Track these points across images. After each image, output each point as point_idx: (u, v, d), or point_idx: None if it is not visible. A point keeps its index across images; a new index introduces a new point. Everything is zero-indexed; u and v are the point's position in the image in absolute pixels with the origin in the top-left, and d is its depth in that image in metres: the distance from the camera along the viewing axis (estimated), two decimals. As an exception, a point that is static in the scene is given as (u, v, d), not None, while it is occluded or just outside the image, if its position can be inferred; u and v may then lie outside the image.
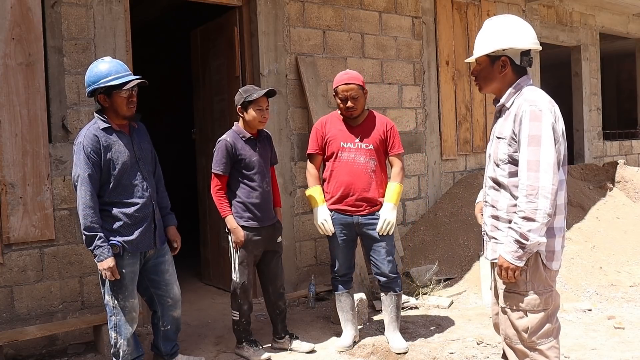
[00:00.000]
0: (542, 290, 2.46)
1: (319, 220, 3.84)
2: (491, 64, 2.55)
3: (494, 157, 2.55)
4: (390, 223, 3.79)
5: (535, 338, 2.46)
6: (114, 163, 3.20)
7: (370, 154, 3.84)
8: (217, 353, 3.99)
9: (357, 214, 3.82)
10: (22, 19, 3.92)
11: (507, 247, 2.40)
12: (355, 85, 3.76)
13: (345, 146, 3.84)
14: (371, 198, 3.82)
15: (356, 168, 3.81)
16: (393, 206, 3.81)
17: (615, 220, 6.25)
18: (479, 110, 6.92)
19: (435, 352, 3.77)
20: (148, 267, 3.41)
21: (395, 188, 3.84)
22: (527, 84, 2.53)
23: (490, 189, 2.60)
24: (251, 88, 3.82)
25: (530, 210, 2.31)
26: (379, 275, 3.89)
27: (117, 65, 3.22)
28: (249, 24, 5.13)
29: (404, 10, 6.11)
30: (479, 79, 2.62)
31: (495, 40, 2.52)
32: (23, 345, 3.93)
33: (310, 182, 3.94)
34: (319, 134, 3.93)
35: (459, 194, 6.25)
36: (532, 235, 2.32)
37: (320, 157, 3.96)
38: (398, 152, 3.92)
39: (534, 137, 2.35)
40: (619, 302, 4.72)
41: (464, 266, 5.40)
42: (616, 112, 12.79)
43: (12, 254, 3.93)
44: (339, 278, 3.98)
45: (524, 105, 2.41)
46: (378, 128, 3.88)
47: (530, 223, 2.31)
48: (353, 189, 3.80)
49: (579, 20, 8.43)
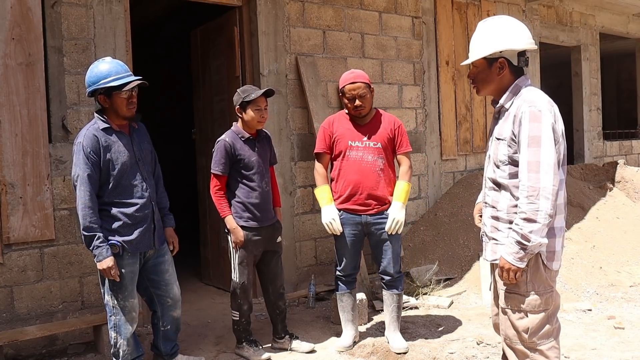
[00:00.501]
0: (543, 291, 2.45)
1: (327, 219, 3.82)
2: (489, 66, 2.54)
3: (494, 158, 2.55)
4: (399, 222, 3.77)
5: (536, 338, 2.46)
6: (114, 163, 3.20)
7: (379, 152, 3.82)
8: (217, 353, 3.99)
9: (365, 213, 3.80)
10: (22, 19, 3.92)
11: (508, 249, 2.40)
12: (362, 83, 3.76)
13: (353, 145, 3.83)
14: (380, 196, 3.80)
15: (364, 166, 3.80)
16: (402, 205, 3.80)
17: (615, 220, 6.25)
18: (479, 110, 6.92)
19: (435, 352, 3.77)
20: (148, 267, 3.41)
21: (403, 187, 3.83)
22: (525, 85, 2.52)
23: (490, 189, 2.59)
24: (249, 88, 3.82)
25: (532, 212, 2.31)
26: (384, 274, 3.88)
27: (117, 66, 3.22)
28: (249, 24, 5.13)
29: (404, 10, 6.11)
30: (477, 81, 2.61)
31: (492, 42, 2.50)
32: (23, 345, 3.93)
33: (318, 181, 3.92)
34: (327, 132, 3.92)
35: (459, 194, 6.25)
36: (533, 237, 2.31)
37: (328, 156, 3.95)
38: (406, 150, 3.91)
39: (534, 138, 2.34)
40: (619, 302, 4.72)
41: (464, 266, 5.40)
42: (616, 112, 12.79)
43: (12, 254, 3.93)
44: (343, 278, 3.96)
45: (523, 106, 2.40)
46: (386, 126, 3.87)
47: (531, 224, 2.31)
48: (361, 188, 3.79)
49: (579, 20, 8.43)
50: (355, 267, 3.98)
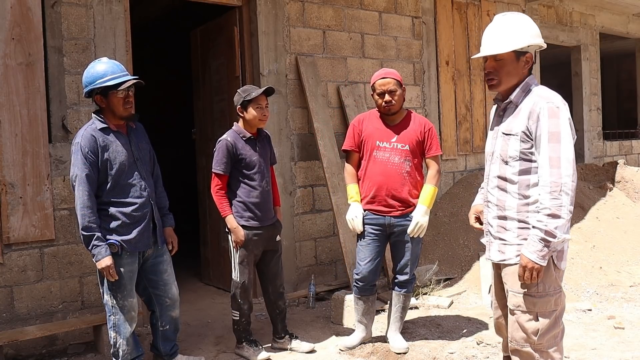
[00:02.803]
0: (553, 291, 2.44)
1: (350, 215, 3.81)
2: (516, 59, 2.51)
3: (502, 155, 2.51)
4: (422, 227, 3.73)
5: (544, 341, 2.43)
6: (112, 163, 3.20)
7: (406, 154, 3.77)
8: (217, 353, 3.99)
9: (389, 215, 3.77)
10: (22, 18, 3.92)
11: (531, 247, 2.36)
12: (392, 79, 3.74)
13: (380, 145, 3.79)
14: (404, 198, 3.75)
15: (390, 168, 3.76)
16: (426, 209, 3.74)
17: (615, 220, 6.25)
18: (478, 110, 6.92)
19: (435, 352, 3.77)
20: (146, 267, 3.41)
21: (430, 190, 3.78)
22: (534, 83, 2.54)
23: (495, 188, 2.54)
24: (250, 87, 3.82)
25: (556, 207, 2.29)
26: (399, 273, 3.85)
27: (113, 66, 3.23)
28: (249, 24, 5.13)
29: (404, 10, 6.11)
30: (500, 75, 2.54)
31: (523, 36, 2.49)
32: (23, 345, 3.93)
33: (347, 179, 3.91)
34: (356, 130, 3.88)
35: (459, 194, 6.25)
36: (559, 232, 2.30)
37: (356, 155, 3.89)
38: (436, 153, 3.85)
39: (554, 134, 2.35)
40: (619, 302, 4.72)
41: (464, 266, 5.40)
42: (616, 112, 12.79)
43: (12, 254, 3.93)
44: (359, 283, 3.86)
45: (541, 103, 2.41)
46: (416, 129, 3.82)
47: (556, 220, 2.30)
48: (385, 189, 3.75)
49: (579, 20, 8.43)
50: (375, 273, 3.85)
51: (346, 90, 5.54)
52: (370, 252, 3.81)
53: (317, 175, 5.36)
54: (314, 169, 5.37)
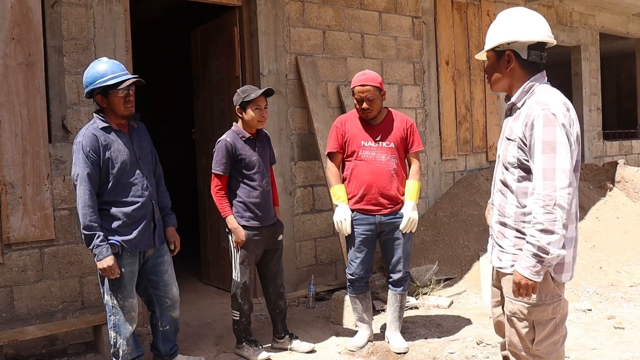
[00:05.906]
0: (550, 300, 2.32)
1: (339, 217, 3.81)
2: (497, 59, 2.43)
3: (504, 160, 2.42)
4: (414, 221, 3.79)
5: (543, 347, 2.35)
6: (113, 162, 3.20)
7: (392, 152, 3.82)
8: (217, 353, 3.99)
9: (379, 213, 3.80)
10: (22, 18, 3.92)
11: (523, 263, 2.22)
12: (371, 87, 3.74)
13: (366, 145, 3.82)
14: (393, 196, 3.80)
15: (377, 167, 3.79)
16: (414, 204, 3.81)
17: (615, 220, 6.25)
18: (478, 110, 6.92)
19: (435, 352, 3.77)
20: (147, 267, 3.41)
21: (415, 186, 3.85)
22: (541, 82, 2.38)
23: (497, 192, 2.48)
24: (249, 88, 3.82)
25: (549, 222, 2.15)
26: (392, 272, 3.87)
27: (113, 66, 3.23)
28: (249, 24, 5.13)
29: (404, 10, 6.11)
30: (490, 74, 2.48)
31: (499, 34, 2.40)
32: (23, 345, 3.93)
33: (331, 180, 3.91)
34: (339, 132, 3.90)
35: (459, 194, 6.25)
36: (552, 249, 2.15)
37: (340, 156, 3.92)
38: (418, 149, 3.92)
39: (548, 144, 2.18)
40: (619, 302, 4.72)
41: (464, 266, 5.40)
42: (616, 112, 12.79)
43: (12, 254, 3.93)
44: (353, 282, 3.92)
45: (536, 109, 2.25)
46: (398, 126, 3.87)
47: (549, 236, 2.15)
48: (374, 188, 3.77)
49: (579, 20, 8.43)
50: (367, 270, 3.91)
51: (346, 90, 5.53)
52: (362, 252, 3.84)
53: (317, 175, 5.36)
54: (314, 169, 5.37)
